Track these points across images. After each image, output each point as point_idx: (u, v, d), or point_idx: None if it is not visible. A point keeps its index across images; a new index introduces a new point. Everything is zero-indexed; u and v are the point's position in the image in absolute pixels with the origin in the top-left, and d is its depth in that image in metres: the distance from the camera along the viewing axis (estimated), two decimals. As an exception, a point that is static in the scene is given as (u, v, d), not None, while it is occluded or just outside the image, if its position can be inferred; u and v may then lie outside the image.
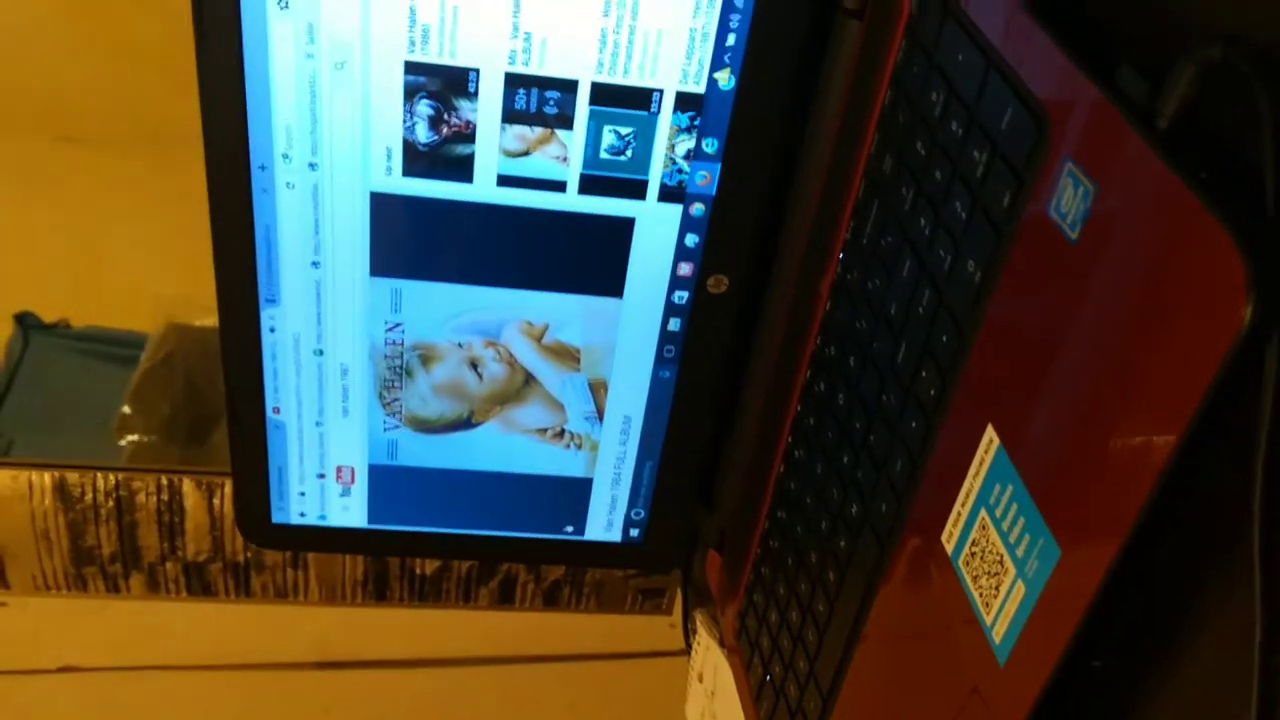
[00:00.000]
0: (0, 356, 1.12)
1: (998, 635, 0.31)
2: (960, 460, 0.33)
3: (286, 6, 0.40)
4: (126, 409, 0.98)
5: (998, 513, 0.31)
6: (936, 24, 0.35)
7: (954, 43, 0.34)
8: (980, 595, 0.32)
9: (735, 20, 0.41)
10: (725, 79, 0.43)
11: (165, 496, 0.61)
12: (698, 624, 0.59)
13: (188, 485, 0.60)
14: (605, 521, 0.55)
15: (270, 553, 0.63)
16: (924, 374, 0.35)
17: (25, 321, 1.14)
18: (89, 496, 0.60)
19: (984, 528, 0.32)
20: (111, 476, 0.60)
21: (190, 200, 0.45)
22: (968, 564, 0.33)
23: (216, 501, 0.61)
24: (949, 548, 0.34)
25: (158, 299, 1.02)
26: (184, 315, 1.03)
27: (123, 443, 0.95)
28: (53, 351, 1.13)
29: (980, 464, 0.32)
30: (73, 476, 0.59)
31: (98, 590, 0.63)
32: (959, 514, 0.33)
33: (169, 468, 0.60)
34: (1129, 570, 0.26)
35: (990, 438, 0.32)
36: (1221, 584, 0.26)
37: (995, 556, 0.31)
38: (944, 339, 0.34)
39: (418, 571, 0.64)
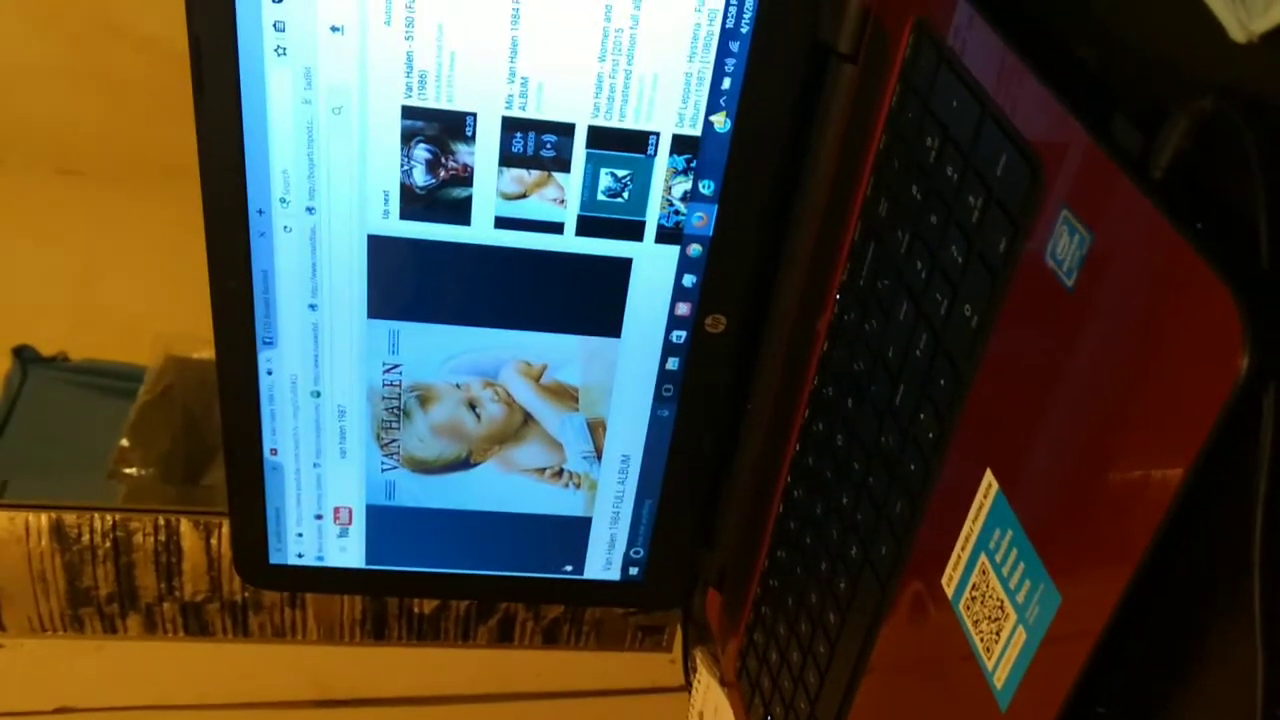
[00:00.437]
0: (-1, 389, 1.11)
1: (999, 681, 0.31)
2: (960, 504, 0.33)
3: (284, 53, 0.40)
4: (125, 442, 0.98)
5: (998, 557, 0.31)
6: (931, 69, 0.35)
7: (948, 88, 0.34)
8: (981, 640, 0.32)
9: (730, 64, 0.42)
10: (721, 122, 0.43)
11: (163, 537, 0.60)
12: (698, 662, 0.59)
13: (185, 525, 0.60)
14: (604, 560, 0.55)
15: (269, 593, 0.63)
16: (922, 416, 0.36)
17: (23, 355, 1.14)
18: (86, 537, 0.60)
19: (984, 572, 0.32)
20: (109, 517, 0.60)
21: (189, 233, 0.45)
22: (968, 608, 0.33)
23: (214, 541, 0.61)
24: (949, 591, 0.34)
25: (157, 332, 1.02)
26: (183, 348, 1.02)
27: (125, 472, 0.95)
28: (51, 385, 1.13)
29: (980, 508, 0.32)
30: (70, 518, 0.59)
31: (95, 631, 0.63)
32: (959, 557, 0.33)
33: (166, 508, 0.60)
34: (1131, 617, 0.26)
35: (989, 482, 0.32)
36: (1224, 630, 0.26)
37: (996, 601, 0.31)
38: (942, 382, 0.34)
39: (416, 611, 0.64)
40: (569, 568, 0.55)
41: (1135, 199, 0.26)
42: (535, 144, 0.43)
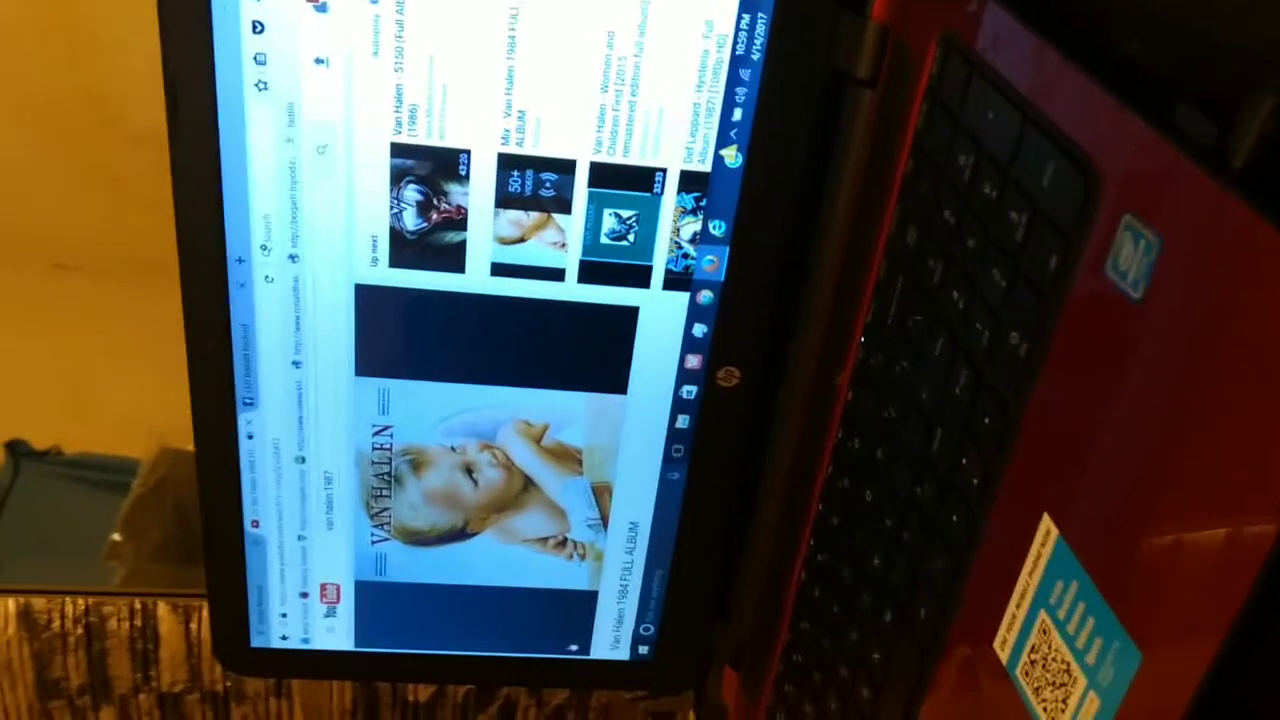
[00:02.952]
0: (-9, 485, 1.09)
1: (1069, 755, 0.27)
2: (1012, 555, 0.30)
3: (265, 88, 0.38)
4: (117, 536, 0.95)
5: (1060, 613, 0.28)
6: (961, 83, 0.32)
7: (982, 100, 0.31)
8: (1045, 710, 0.28)
9: (741, 94, 0.39)
10: (732, 156, 0.40)
11: (138, 622, 0.56)
12: (714, 749, 0.55)
13: (163, 609, 0.56)
14: (612, 638, 0.51)
15: (251, 681, 0.59)
16: (964, 461, 0.32)
17: (16, 449, 1.12)
18: (56, 623, 0.56)
19: (1045, 631, 0.28)
20: (81, 601, 0.56)
21: (183, 328, 0.42)
22: (1027, 674, 0.29)
23: (194, 626, 0.57)
24: (1003, 656, 0.30)
25: (150, 425, 1.00)
26: (177, 441, 1.00)
27: (111, 566, 0.92)
28: (44, 479, 1.10)
29: (1036, 558, 0.29)
30: (39, 602, 0.55)
31: (65, 726, 0.59)
32: (1014, 616, 0.30)
33: (142, 590, 0.56)
34: (1229, 674, 0.23)
35: (1047, 528, 0.28)
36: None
37: (1060, 664, 0.28)
38: (986, 420, 0.31)
39: (410, 699, 0.60)
40: (574, 647, 0.51)
41: (1213, 194, 0.23)
42: (534, 183, 0.40)
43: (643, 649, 0.52)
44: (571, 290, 0.42)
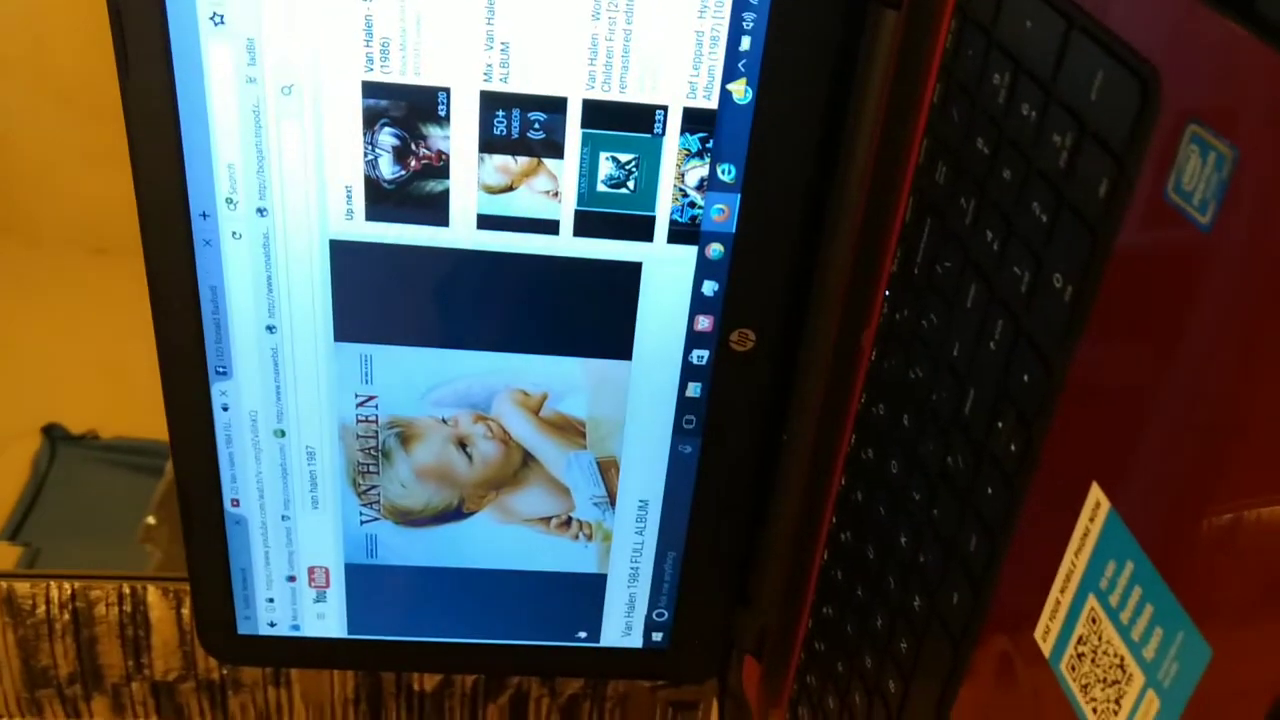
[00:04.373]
0: (27, 469, 1.08)
1: (1124, 766, 0.23)
2: (1056, 533, 0.26)
3: (222, 22, 0.34)
4: (151, 520, 0.94)
5: (1113, 600, 0.24)
6: (995, -9, 0.28)
7: (1020, 8, 0.27)
8: (1094, 711, 0.24)
9: (750, 20, 0.35)
10: (741, 91, 0.36)
11: (128, 607, 0.54)
12: (736, 743, 0.51)
13: (153, 594, 0.53)
14: (623, 625, 0.48)
15: (249, 670, 0.56)
16: (1000, 425, 0.28)
17: (53, 433, 1.11)
18: (41, 609, 0.53)
19: (1094, 620, 0.24)
20: (67, 586, 0.53)
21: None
22: (1073, 669, 0.25)
23: (185, 612, 0.54)
24: (1046, 648, 0.26)
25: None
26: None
27: (146, 550, 0.90)
28: (80, 463, 1.10)
29: (1084, 535, 0.25)
30: (22, 587, 0.53)
31: (55, 716, 0.56)
32: (1057, 603, 0.26)
33: (131, 574, 0.53)
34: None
35: (1096, 500, 0.24)
36: None
37: (1113, 658, 0.24)
38: (1026, 378, 0.27)
39: (416, 688, 0.57)
40: (583, 634, 0.48)
41: (1302, 88, 0.19)
42: (521, 124, 0.36)
43: (656, 636, 0.48)
44: (567, 244, 0.38)
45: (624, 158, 0.37)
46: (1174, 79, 0.22)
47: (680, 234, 0.38)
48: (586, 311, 0.40)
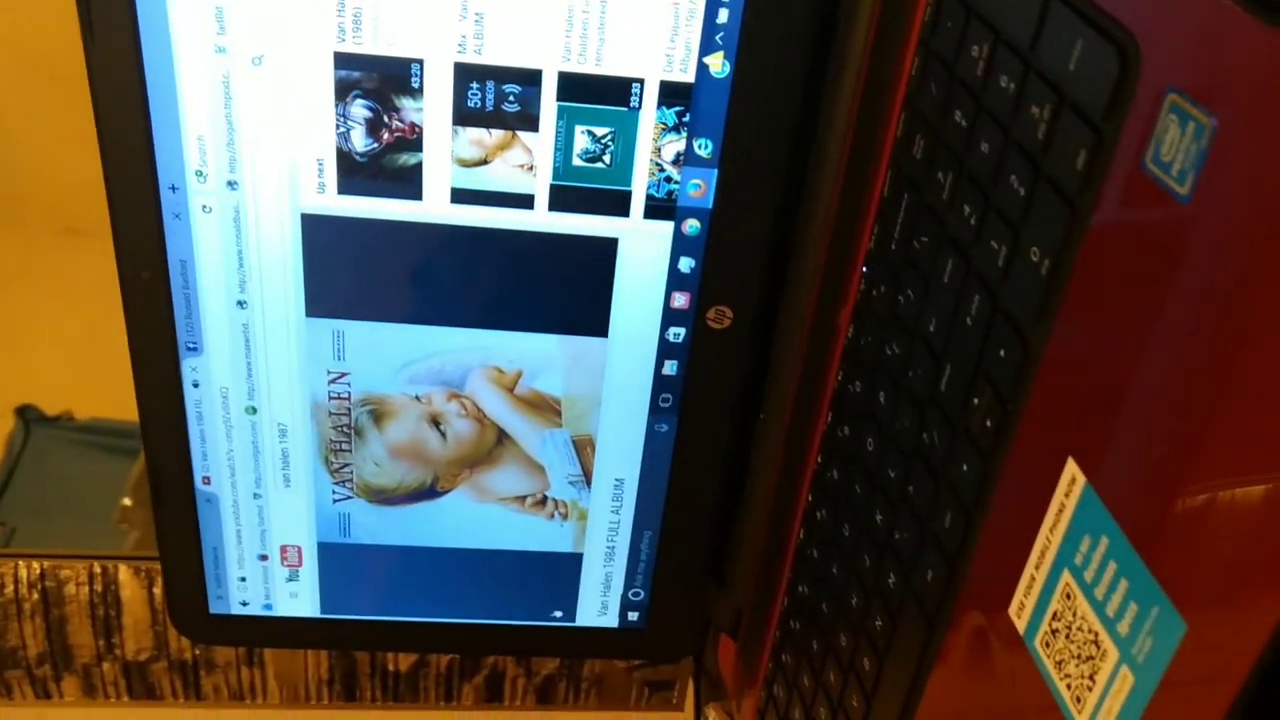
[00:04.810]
0: (1, 451, 1.07)
1: (1097, 742, 0.23)
2: (1031, 508, 0.25)
3: (190, -11, 0.34)
4: (127, 501, 0.93)
5: (1088, 575, 0.24)
6: (974, -39, 0.28)
7: (999, -21, 0.27)
8: (1069, 687, 0.24)
9: (727, -8, 0.34)
10: (718, 65, 0.36)
11: (98, 587, 0.53)
12: (711, 722, 0.51)
13: (124, 573, 0.53)
14: (599, 604, 0.47)
15: (222, 650, 0.55)
16: (976, 401, 0.28)
17: (27, 414, 1.10)
18: (10, 588, 0.52)
19: (1068, 596, 0.24)
20: (36, 565, 0.52)
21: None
22: (1048, 645, 0.25)
23: (157, 591, 0.53)
24: (1020, 624, 0.26)
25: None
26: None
27: (122, 530, 0.89)
28: (55, 444, 1.09)
29: (1059, 511, 0.25)
30: (-10, 566, 0.52)
31: (25, 697, 0.55)
32: (1032, 579, 0.26)
33: (101, 553, 0.53)
34: (1296, 649, 0.18)
35: (1072, 475, 0.24)
36: None
37: (1088, 634, 0.23)
38: (1001, 353, 0.27)
39: (391, 668, 0.56)
40: (558, 613, 0.47)
41: (1281, 56, 0.18)
42: (496, 96, 0.36)
43: (633, 615, 0.48)
44: (542, 219, 0.38)
45: (600, 131, 0.36)
46: (1153, 48, 0.22)
47: (657, 209, 0.38)
48: (562, 288, 0.39)
